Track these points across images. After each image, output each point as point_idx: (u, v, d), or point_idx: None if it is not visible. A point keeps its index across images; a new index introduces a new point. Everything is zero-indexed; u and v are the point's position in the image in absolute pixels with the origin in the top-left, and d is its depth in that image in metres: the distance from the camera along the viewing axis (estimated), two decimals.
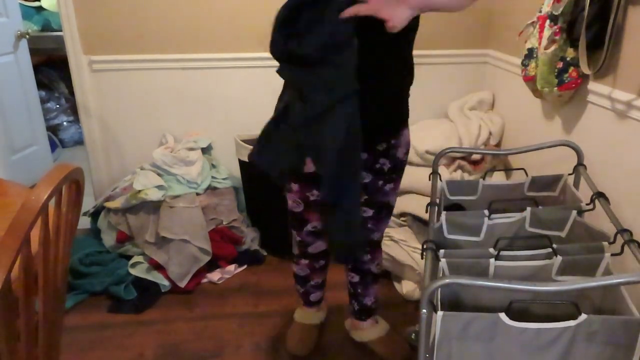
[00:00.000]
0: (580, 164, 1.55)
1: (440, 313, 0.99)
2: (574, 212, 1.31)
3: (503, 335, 1.00)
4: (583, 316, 0.98)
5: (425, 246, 1.19)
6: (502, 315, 0.99)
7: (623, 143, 1.60)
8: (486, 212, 1.35)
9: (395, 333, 1.93)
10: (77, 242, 2.40)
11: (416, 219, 2.30)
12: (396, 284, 2.25)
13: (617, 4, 1.52)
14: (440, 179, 1.60)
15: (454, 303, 1.16)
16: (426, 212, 1.45)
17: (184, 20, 2.51)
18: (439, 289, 1.09)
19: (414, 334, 1.90)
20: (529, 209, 1.33)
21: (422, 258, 1.18)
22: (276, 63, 2.70)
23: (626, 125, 1.58)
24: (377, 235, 1.71)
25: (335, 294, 2.12)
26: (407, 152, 1.57)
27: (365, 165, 1.52)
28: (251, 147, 2.46)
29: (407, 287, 2.18)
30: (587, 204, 1.36)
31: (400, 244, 2.23)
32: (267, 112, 2.69)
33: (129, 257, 2.37)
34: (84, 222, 2.56)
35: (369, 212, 1.63)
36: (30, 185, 2.06)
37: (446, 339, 1.02)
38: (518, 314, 1.00)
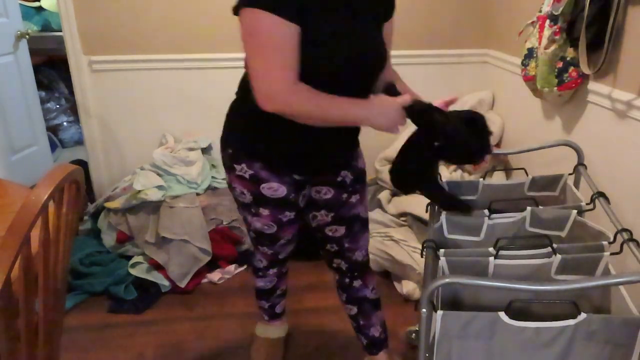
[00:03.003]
0: (580, 164, 1.55)
1: (439, 312, 1.00)
2: (574, 212, 1.31)
3: (503, 334, 1.00)
4: (582, 315, 0.98)
5: (425, 245, 1.19)
6: (502, 314, 0.99)
7: (623, 143, 1.60)
8: (486, 211, 1.35)
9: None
10: (77, 242, 2.40)
11: (416, 218, 2.31)
12: (396, 284, 2.25)
13: (617, 4, 1.52)
14: (441, 179, 1.60)
15: (453, 302, 1.16)
16: (426, 211, 1.45)
17: (184, 20, 2.51)
18: (439, 288, 1.09)
19: (414, 334, 1.91)
20: (529, 208, 1.33)
21: (421, 257, 1.19)
22: None
23: (626, 125, 1.58)
24: (360, 255, 1.59)
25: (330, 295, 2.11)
26: (364, 163, 1.55)
27: (325, 181, 1.48)
28: None
29: (407, 287, 2.18)
30: (587, 204, 1.36)
31: (400, 244, 2.23)
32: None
33: (129, 257, 2.37)
34: (84, 222, 2.57)
35: (341, 230, 1.54)
36: (30, 185, 2.06)
37: (446, 338, 1.02)
38: (518, 313, 1.00)
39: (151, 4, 2.46)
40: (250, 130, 1.36)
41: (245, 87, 1.31)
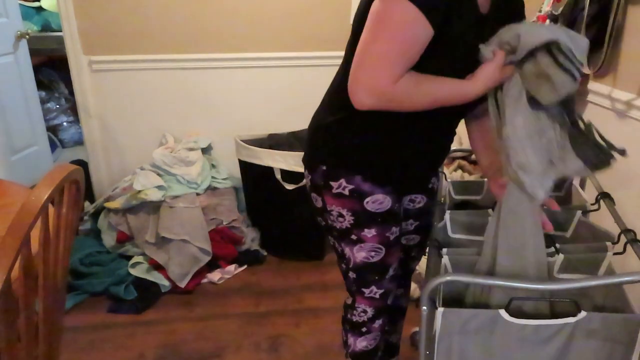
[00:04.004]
0: None
1: (440, 309, 1.00)
2: (579, 212, 1.30)
3: (503, 331, 1.01)
4: (582, 313, 0.98)
5: (427, 244, 1.20)
6: (502, 312, 0.99)
7: (623, 143, 1.60)
8: (490, 211, 1.34)
9: None
10: (77, 242, 2.40)
11: None
12: None
13: (617, 3, 1.52)
14: (446, 178, 1.59)
15: (456, 298, 1.16)
16: None
17: (184, 20, 2.51)
18: (441, 286, 1.09)
19: (417, 335, 1.90)
20: None
21: (424, 254, 1.19)
22: (273, 63, 2.69)
23: (626, 125, 1.58)
24: (416, 265, 1.56)
25: (330, 295, 2.12)
26: None
27: (420, 189, 1.40)
28: (251, 147, 2.47)
29: None
30: (592, 204, 1.35)
31: None
32: (267, 112, 2.71)
33: (129, 257, 2.38)
34: (84, 222, 2.57)
35: (416, 239, 1.47)
36: (30, 185, 2.05)
37: (447, 334, 1.02)
38: (518, 310, 1.00)
39: (151, 3, 2.46)
40: (346, 143, 1.22)
41: (338, 97, 1.19)
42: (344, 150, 1.23)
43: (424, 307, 1.01)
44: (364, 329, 1.41)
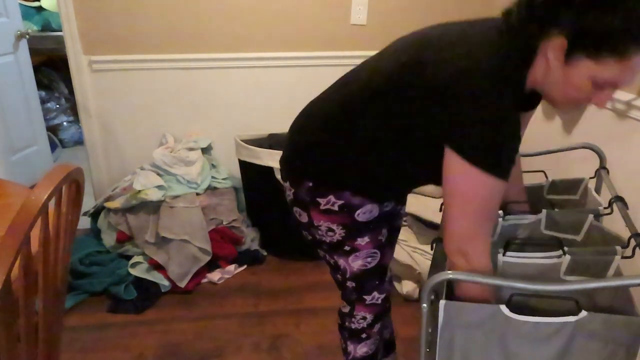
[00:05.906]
0: (602, 167, 1.51)
1: (442, 301, 1.01)
2: (591, 216, 1.29)
3: (504, 326, 1.01)
4: (583, 313, 0.98)
5: (435, 240, 1.20)
6: (503, 307, 1.00)
7: (623, 142, 1.60)
8: (501, 212, 1.34)
9: None
10: (77, 242, 2.40)
11: (416, 219, 2.30)
12: (396, 284, 2.25)
13: None
14: None
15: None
16: (440, 210, 1.44)
17: (184, 20, 2.51)
18: (445, 282, 1.09)
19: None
20: (544, 211, 1.30)
21: (431, 249, 1.19)
22: (273, 63, 2.67)
23: (626, 124, 1.58)
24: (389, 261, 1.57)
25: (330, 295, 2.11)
26: None
27: (402, 200, 1.42)
28: (251, 147, 2.47)
29: (407, 287, 2.18)
30: (605, 208, 1.34)
31: (400, 244, 2.23)
32: (266, 112, 2.71)
33: (129, 257, 2.37)
34: (84, 222, 2.57)
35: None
36: (30, 185, 2.06)
37: (449, 327, 1.03)
38: (522, 306, 1.00)
39: (151, 4, 2.46)
40: (338, 162, 1.20)
41: (333, 118, 1.21)
42: (334, 168, 1.20)
43: (424, 305, 1.02)
44: (363, 335, 1.39)
